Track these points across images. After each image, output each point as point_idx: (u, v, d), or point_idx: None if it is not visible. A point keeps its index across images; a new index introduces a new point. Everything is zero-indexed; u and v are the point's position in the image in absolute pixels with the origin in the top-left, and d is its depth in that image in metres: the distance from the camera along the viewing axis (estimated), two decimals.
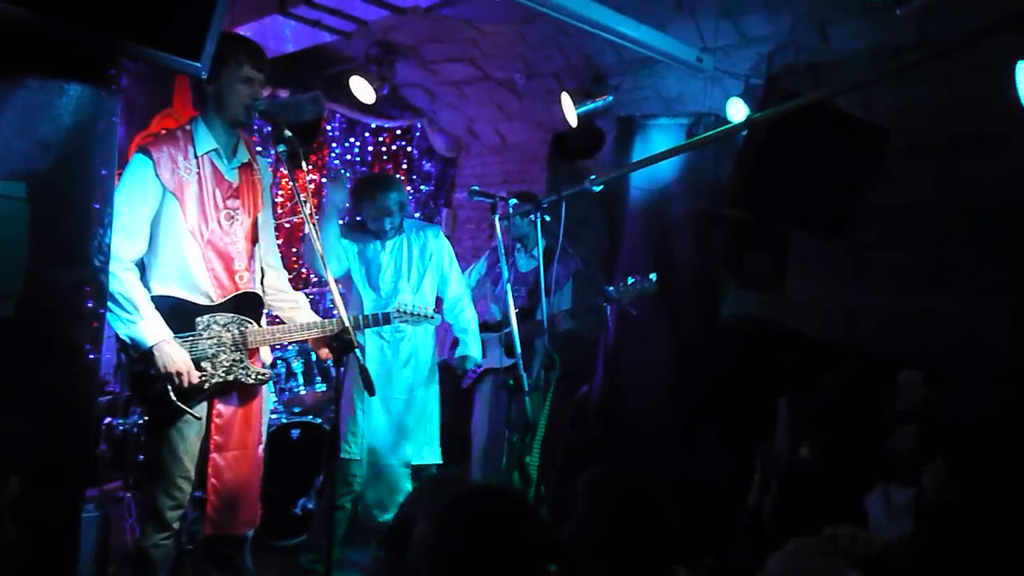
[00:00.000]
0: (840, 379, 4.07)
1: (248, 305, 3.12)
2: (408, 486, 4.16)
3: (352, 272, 4.21)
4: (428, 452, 4.22)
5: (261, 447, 3.23)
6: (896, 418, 3.74)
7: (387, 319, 3.61)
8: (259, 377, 3.14)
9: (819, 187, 4.19)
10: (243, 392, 3.13)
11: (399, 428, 4.16)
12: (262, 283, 3.24)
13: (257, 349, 3.17)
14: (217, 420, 3.06)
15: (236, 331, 3.07)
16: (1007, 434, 3.38)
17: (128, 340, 2.90)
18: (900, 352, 4.58)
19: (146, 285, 2.95)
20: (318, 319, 3.29)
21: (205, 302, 3.04)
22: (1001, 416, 3.80)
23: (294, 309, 3.36)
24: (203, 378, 3.01)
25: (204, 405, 3.05)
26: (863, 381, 3.84)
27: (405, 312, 3.61)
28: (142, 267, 2.99)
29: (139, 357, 2.92)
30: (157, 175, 2.91)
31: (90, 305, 2.48)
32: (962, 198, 4.62)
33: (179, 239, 2.98)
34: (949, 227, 4.71)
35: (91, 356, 2.52)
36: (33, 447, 2.17)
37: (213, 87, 2.96)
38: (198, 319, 3.02)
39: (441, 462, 4.28)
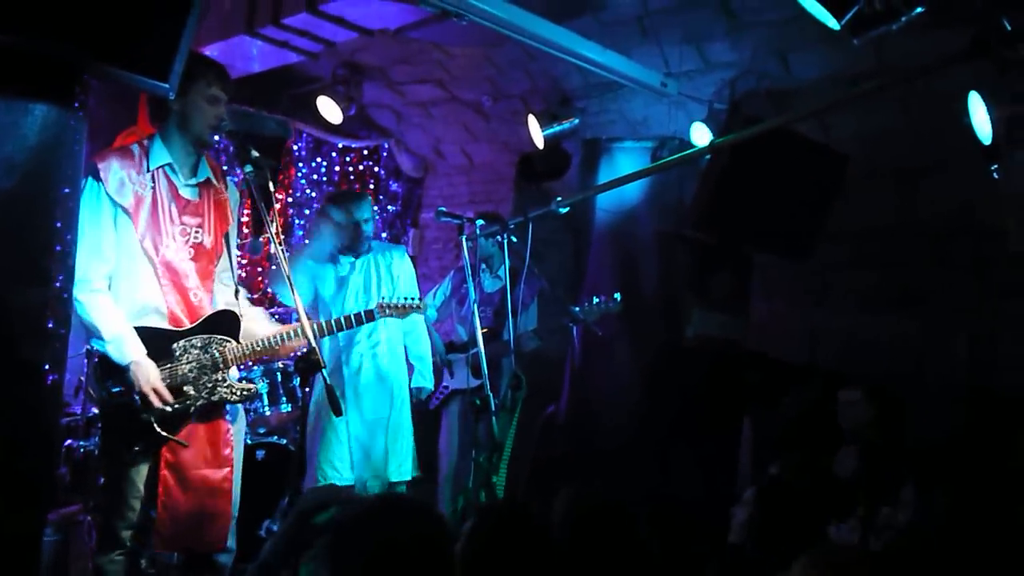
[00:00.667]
0: (801, 398, 4.13)
1: (222, 323, 3.08)
2: None
3: (321, 293, 4.19)
4: (406, 468, 4.21)
5: (229, 469, 3.12)
6: (843, 438, 3.78)
7: (370, 315, 3.59)
8: (244, 393, 3.11)
9: (781, 210, 4.27)
10: (203, 411, 3.07)
11: (383, 447, 4.14)
12: (236, 300, 3.18)
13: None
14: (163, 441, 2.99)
15: (215, 351, 3.04)
16: (966, 453, 3.45)
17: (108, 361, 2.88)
18: (861, 372, 4.66)
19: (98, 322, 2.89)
20: (290, 326, 3.23)
21: (170, 325, 2.99)
22: (960, 435, 3.88)
23: (252, 322, 3.28)
24: (188, 403, 2.98)
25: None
26: (824, 400, 3.90)
27: (389, 305, 3.61)
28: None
29: (119, 382, 2.89)
30: (107, 193, 2.89)
31: (51, 325, 2.45)
32: (921, 221, 4.72)
33: (132, 257, 2.94)
34: (909, 250, 4.81)
35: (52, 376, 2.48)
36: None
37: (179, 104, 2.94)
38: (174, 345, 2.98)
39: (416, 475, 4.29)
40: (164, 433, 2.93)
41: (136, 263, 2.95)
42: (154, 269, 2.96)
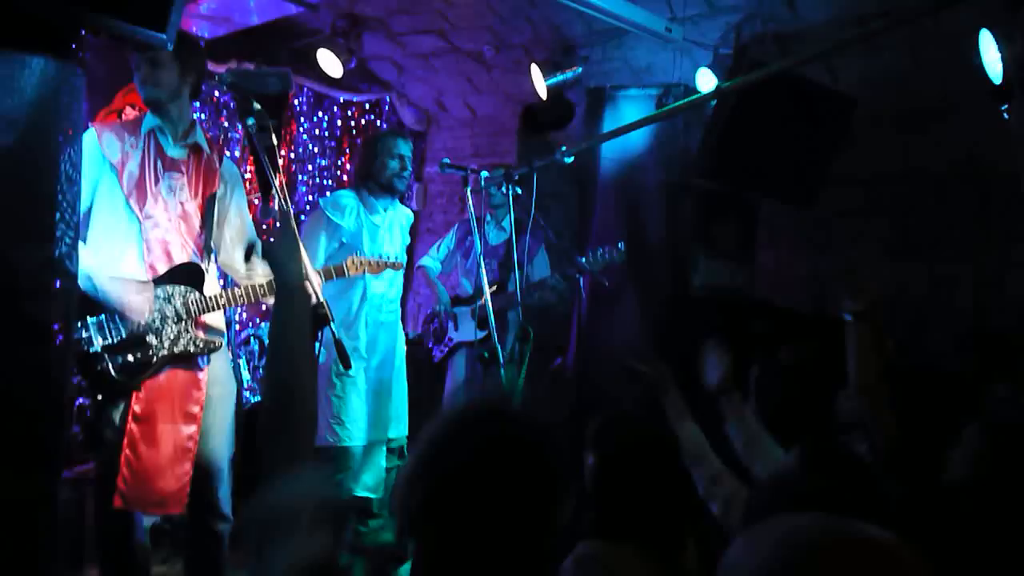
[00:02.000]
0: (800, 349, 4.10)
1: (187, 275, 3.09)
2: (385, 463, 4.16)
3: (352, 239, 4.05)
4: (403, 426, 4.24)
5: (195, 428, 3.07)
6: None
7: (340, 271, 3.48)
8: (208, 345, 3.10)
9: (787, 157, 4.23)
10: (176, 365, 3.07)
11: (385, 405, 4.14)
12: (217, 263, 3.25)
13: (202, 319, 3.13)
14: (136, 391, 2.99)
15: (179, 302, 3.05)
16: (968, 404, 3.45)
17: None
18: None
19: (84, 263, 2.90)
20: (262, 282, 3.21)
21: (143, 278, 3.02)
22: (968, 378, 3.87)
23: (254, 274, 3.31)
24: (150, 353, 2.98)
25: None
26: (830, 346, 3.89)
27: (363, 262, 3.54)
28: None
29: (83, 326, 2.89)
30: (99, 146, 2.97)
31: (58, 284, 2.44)
32: (927, 166, 4.68)
33: (117, 213, 3.00)
34: (915, 195, 4.77)
35: (60, 336, 2.48)
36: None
37: (140, 72, 3.03)
38: None
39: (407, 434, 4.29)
40: (124, 380, 2.93)
41: (120, 219, 3.00)
42: (139, 226, 3.01)
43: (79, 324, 2.90)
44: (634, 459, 2.06)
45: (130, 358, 2.95)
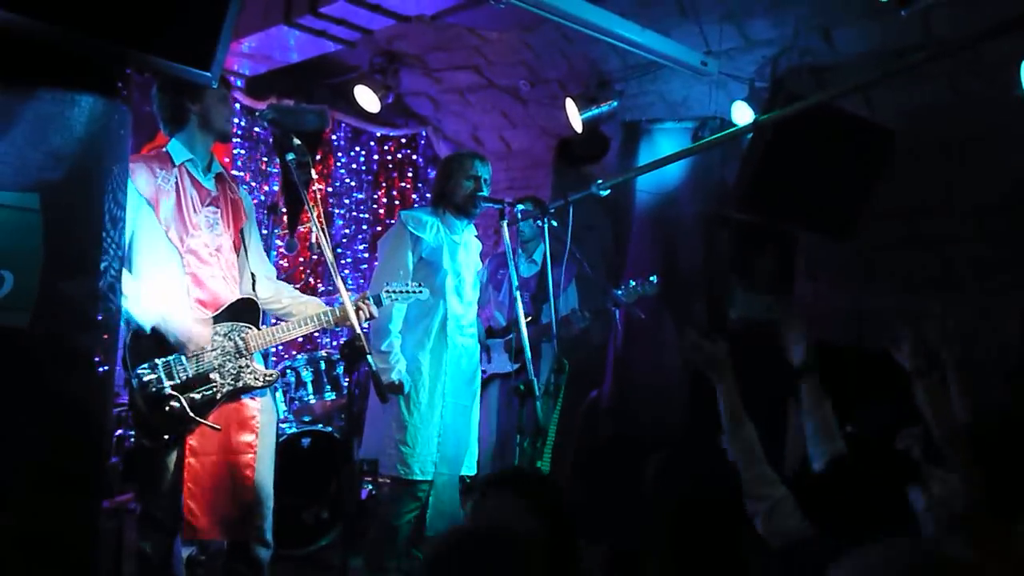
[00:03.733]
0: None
1: (244, 311, 3.16)
2: (457, 498, 3.97)
3: (432, 254, 3.88)
4: (473, 463, 4.06)
5: (252, 456, 3.14)
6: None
7: (379, 301, 3.40)
8: (267, 379, 3.18)
9: (826, 189, 4.20)
10: (228, 398, 3.13)
11: (462, 436, 3.95)
12: (253, 291, 3.27)
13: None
14: (192, 427, 3.05)
15: (237, 338, 3.12)
16: (1017, 433, 3.37)
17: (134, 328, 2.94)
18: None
19: (138, 308, 2.95)
20: (319, 311, 3.29)
21: (205, 313, 3.07)
22: (1012, 415, 3.78)
23: (303, 305, 3.40)
24: (214, 389, 3.04)
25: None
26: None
27: (395, 290, 3.44)
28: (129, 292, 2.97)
29: (149, 369, 2.93)
30: (131, 181, 2.92)
31: (100, 316, 2.49)
32: (969, 198, 4.62)
33: (157, 249, 3.02)
34: (957, 227, 4.71)
35: (103, 368, 2.52)
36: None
37: (198, 106, 3.11)
38: None
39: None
40: (196, 417, 2.98)
41: (161, 254, 3.03)
42: (180, 259, 3.05)
43: (148, 366, 2.96)
44: (701, 513, 2.03)
45: (196, 396, 3.01)
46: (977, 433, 2.28)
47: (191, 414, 2.98)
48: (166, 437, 3.00)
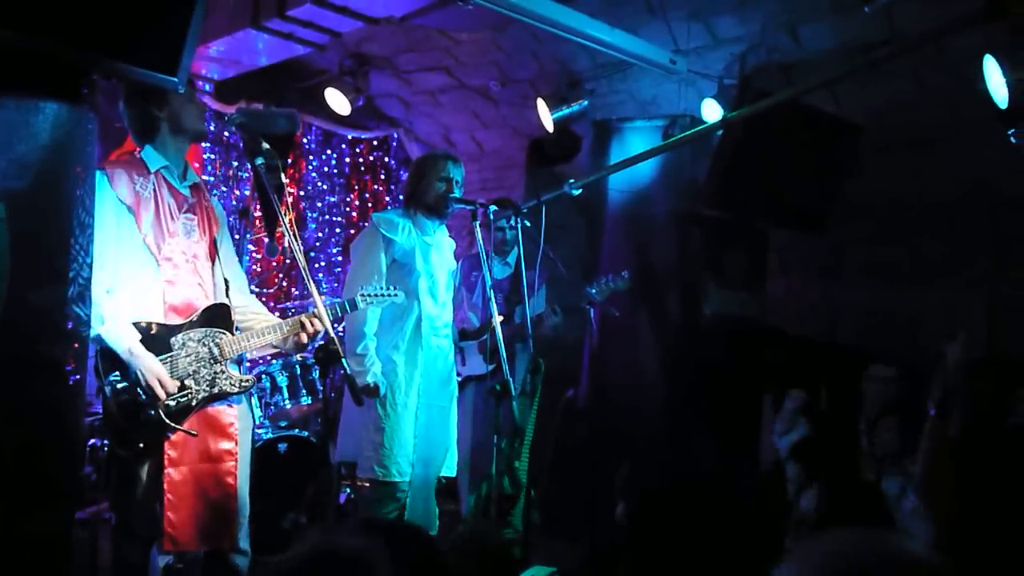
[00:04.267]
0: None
1: (218, 316, 3.12)
2: (434, 505, 3.96)
3: (404, 256, 3.86)
4: (452, 463, 4.05)
5: (233, 463, 3.13)
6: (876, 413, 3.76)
7: (353, 304, 3.40)
8: (243, 384, 3.14)
9: (796, 185, 4.24)
10: (207, 404, 3.10)
11: (439, 437, 3.94)
12: (227, 297, 3.23)
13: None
14: (170, 435, 3.01)
15: (212, 344, 3.08)
16: (984, 428, 3.42)
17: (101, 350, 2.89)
18: (880, 347, 4.62)
19: (106, 332, 2.89)
20: (281, 321, 3.26)
21: (177, 320, 3.04)
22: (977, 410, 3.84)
23: (256, 316, 3.35)
24: (189, 396, 3.01)
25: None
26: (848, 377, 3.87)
27: (371, 294, 3.44)
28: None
29: (123, 376, 2.90)
30: (111, 187, 2.93)
31: (70, 325, 2.46)
32: (937, 192, 4.68)
33: (135, 255, 2.98)
34: (926, 222, 4.76)
35: (74, 377, 2.49)
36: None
37: (166, 111, 3.06)
38: (172, 339, 3.00)
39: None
40: (173, 424, 2.94)
41: (138, 261, 2.99)
42: (156, 266, 3.01)
43: (120, 374, 2.90)
44: (666, 512, 2.04)
45: (172, 403, 2.96)
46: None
47: (167, 421, 2.94)
48: (141, 446, 2.95)
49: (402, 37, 5.48)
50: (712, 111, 4.69)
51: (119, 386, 2.90)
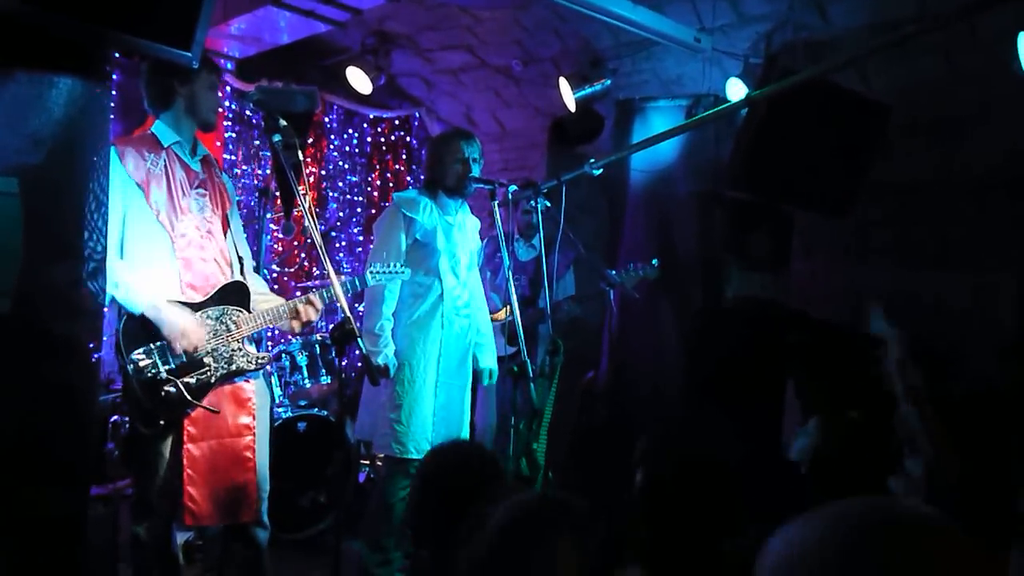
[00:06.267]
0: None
1: (234, 294, 3.15)
2: None
3: (426, 236, 3.87)
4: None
5: (251, 438, 3.17)
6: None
7: (363, 281, 3.46)
8: (260, 361, 3.18)
9: (821, 165, 4.16)
10: (225, 381, 3.14)
11: (456, 414, 3.94)
12: (242, 275, 3.26)
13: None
14: (189, 412, 3.04)
15: (229, 321, 3.10)
16: (1011, 410, 3.36)
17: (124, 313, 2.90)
18: (906, 331, 4.54)
19: (129, 296, 2.92)
20: (279, 306, 3.27)
21: (195, 297, 3.05)
22: (1006, 393, 3.77)
23: (266, 303, 3.34)
24: (208, 373, 3.03)
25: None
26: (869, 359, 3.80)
27: (379, 271, 3.50)
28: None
29: (144, 353, 2.91)
30: (122, 165, 2.93)
31: (88, 302, 2.46)
32: (965, 174, 4.59)
33: (149, 232, 2.99)
34: (953, 204, 4.67)
35: (94, 354, 2.50)
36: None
37: (186, 90, 3.08)
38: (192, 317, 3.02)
39: None
40: (194, 401, 2.97)
41: (153, 239, 3.00)
42: (171, 243, 3.02)
43: (143, 351, 2.91)
44: (685, 480, 2.01)
45: (191, 380, 2.99)
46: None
47: (188, 398, 2.96)
48: (162, 423, 2.98)
49: (424, 15, 5.43)
50: (737, 90, 4.62)
51: (141, 364, 2.91)
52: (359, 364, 4.47)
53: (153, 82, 3.08)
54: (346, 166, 6.75)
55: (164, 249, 3.01)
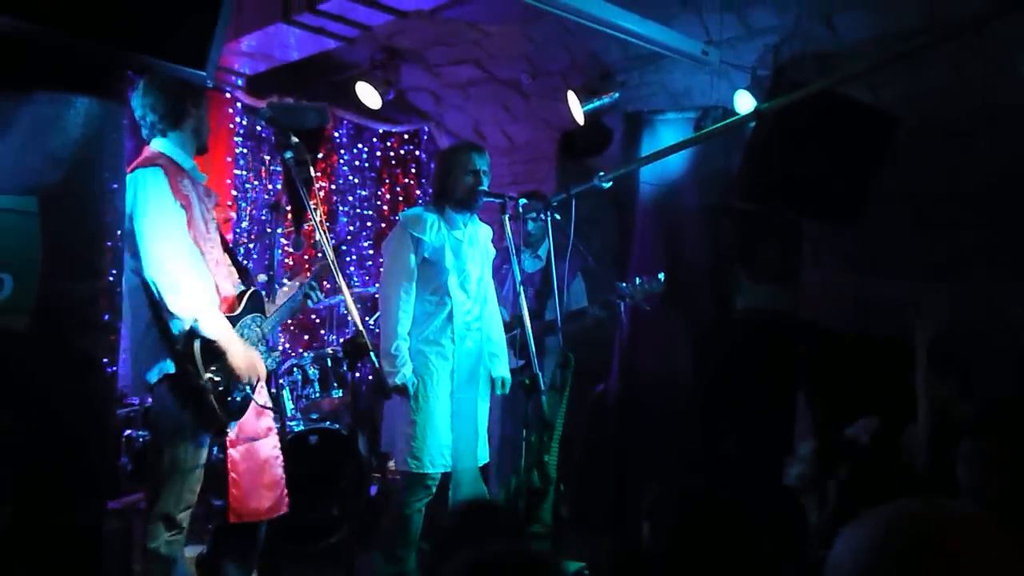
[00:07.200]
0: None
1: (256, 301, 3.30)
2: (483, 487, 3.99)
3: (434, 254, 3.86)
4: (484, 452, 4.05)
5: (277, 436, 3.38)
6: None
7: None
8: (276, 359, 3.41)
9: (830, 175, 4.17)
10: None
11: (475, 430, 3.96)
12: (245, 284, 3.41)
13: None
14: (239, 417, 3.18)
15: (258, 328, 3.26)
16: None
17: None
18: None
19: (205, 319, 3.00)
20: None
21: (224, 312, 3.15)
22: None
23: None
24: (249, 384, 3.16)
25: None
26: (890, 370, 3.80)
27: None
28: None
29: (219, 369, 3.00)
30: (169, 187, 2.99)
31: (106, 318, 2.49)
32: (975, 182, 4.59)
33: (194, 256, 3.07)
34: (963, 212, 4.67)
35: (109, 368, 2.53)
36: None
37: (197, 112, 3.17)
38: (235, 330, 3.14)
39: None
40: (260, 404, 3.21)
41: (198, 261, 3.08)
42: (204, 263, 3.11)
43: (215, 368, 3.00)
44: (694, 538, 1.99)
45: (248, 388, 3.15)
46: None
47: (256, 402, 3.16)
48: (215, 433, 3.14)
49: (432, 30, 5.47)
50: (745, 102, 4.63)
51: (216, 378, 3.01)
52: (371, 377, 4.48)
53: (166, 101, 3.10)
54: (356, 180, 6.77)
55: (201, 269, 3.08)
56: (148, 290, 2.89)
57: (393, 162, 7.01)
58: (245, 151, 5.99)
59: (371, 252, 6.77)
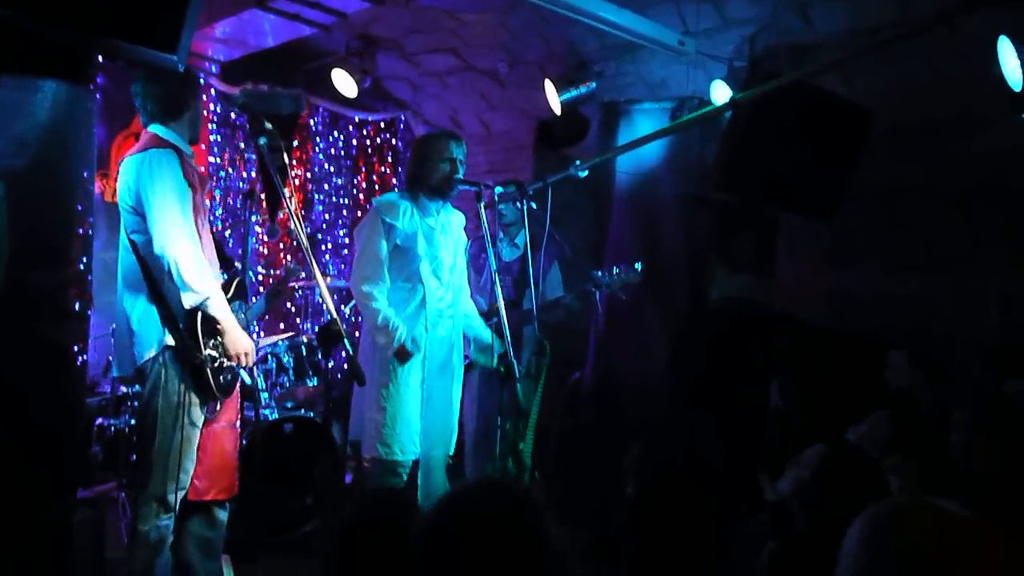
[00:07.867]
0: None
1: (242, 288, 3.36)
2: (443, 477, 3.98)
3: (406, 241, 3.86)
4: (453, 441, 4.05)
5: (238, 422, 3.41)
6: (889, 399, 3.73)
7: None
8: (258, 345, 3.37)
9: (806, 169, 4.19)
10: None
11: (443, 416, 3.94)
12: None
13: None
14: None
15: (243, 316, 3.30)
16: (999, 416, 3.38)
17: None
18: (888, 335, 4.59)
19: (212, 301, 3.05)
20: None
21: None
22: (992, 398, 3.81)
23: None
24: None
25: None
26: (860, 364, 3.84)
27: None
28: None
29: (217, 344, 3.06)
30: (180, 170, 2.99)
31: (77, 307, 2.46)
32: (950, 178, 4.63)
33: (201, 236, 3.11)
34: (938, 208, 4.71)
35: (79, 358, 2.50)
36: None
37: (195, 103, 3.17)
38: None
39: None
40: (248, 382, 3.35)
41: (204, 243, 3.11)
42: (202, 246, 3.11)
43: (213, 344, 3.06)
44: (675, 493, 2.00)
45: (238, 368, 3.21)
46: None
47: (245, 381, 3.28)
48: (210, 409, 3.18)
49: (409, 18, 5.43)
50: (721, 93, 4.64)
51: (214, 353, 3.06)
52: (345, 366, 4.47)
53: (166, 91, 3.04)
54: (332, 168, 6.74)
55: (207, 252, 3.13)
56: (147, 267, 2.88)
57: (369, 150, 6.98)
58: (219, 138, 5.94)
59: (346, 241, 6.75)
